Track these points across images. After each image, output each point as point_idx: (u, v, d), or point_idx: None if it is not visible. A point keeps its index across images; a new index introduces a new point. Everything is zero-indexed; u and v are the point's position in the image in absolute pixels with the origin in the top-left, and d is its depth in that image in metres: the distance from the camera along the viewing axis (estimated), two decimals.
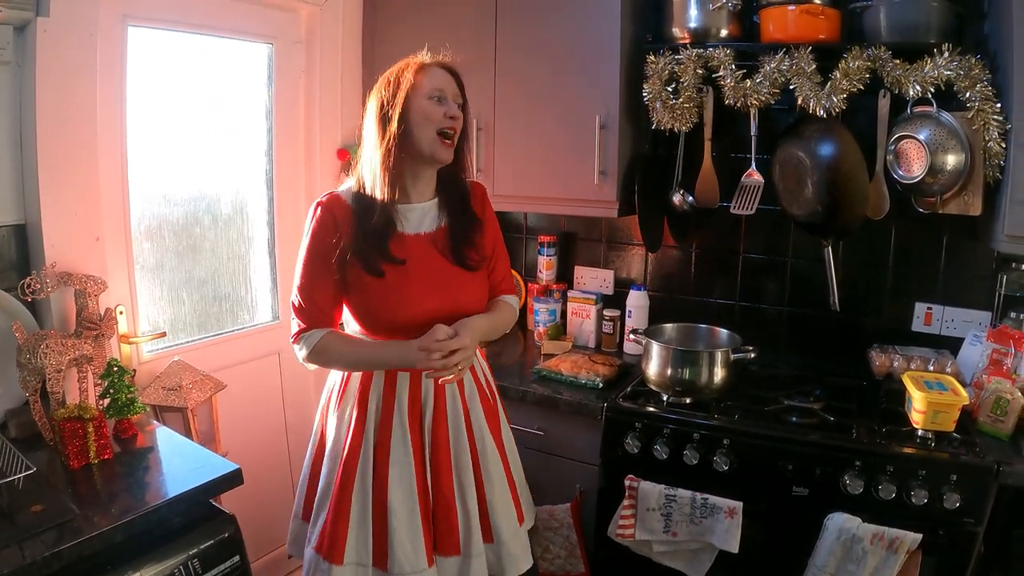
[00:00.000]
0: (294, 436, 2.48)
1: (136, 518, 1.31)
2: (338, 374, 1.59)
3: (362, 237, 1.45)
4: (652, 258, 2.46)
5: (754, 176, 2.05)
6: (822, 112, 1.82)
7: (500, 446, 1.62)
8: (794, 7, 1.87)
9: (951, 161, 1.74)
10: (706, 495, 1.72)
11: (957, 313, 2.05)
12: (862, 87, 1.79)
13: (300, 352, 1.51)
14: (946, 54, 1.69)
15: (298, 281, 1.50)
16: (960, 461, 1.57)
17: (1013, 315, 1.91)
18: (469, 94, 1.54)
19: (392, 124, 1.43)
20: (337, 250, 1.45)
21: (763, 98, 1.90)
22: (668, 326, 2.10)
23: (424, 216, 1.54)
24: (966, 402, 1.61)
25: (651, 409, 1.87)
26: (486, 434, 1.58)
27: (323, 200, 1.50)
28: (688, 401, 1.88)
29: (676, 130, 2.05)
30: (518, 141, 2.24)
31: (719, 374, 1.86)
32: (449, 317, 1.48)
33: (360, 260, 1.45)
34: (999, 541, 1.59)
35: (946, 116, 1.74)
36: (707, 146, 2.09)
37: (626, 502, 1.80)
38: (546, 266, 2.55)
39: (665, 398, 1.91)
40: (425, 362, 1.41)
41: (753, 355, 1.87)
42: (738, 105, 1.94)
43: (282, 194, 2.42)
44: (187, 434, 1.85)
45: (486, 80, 2.23)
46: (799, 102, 1.85)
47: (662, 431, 1.83)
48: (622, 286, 2.48)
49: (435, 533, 1.51)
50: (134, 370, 1.83)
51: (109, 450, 1.53)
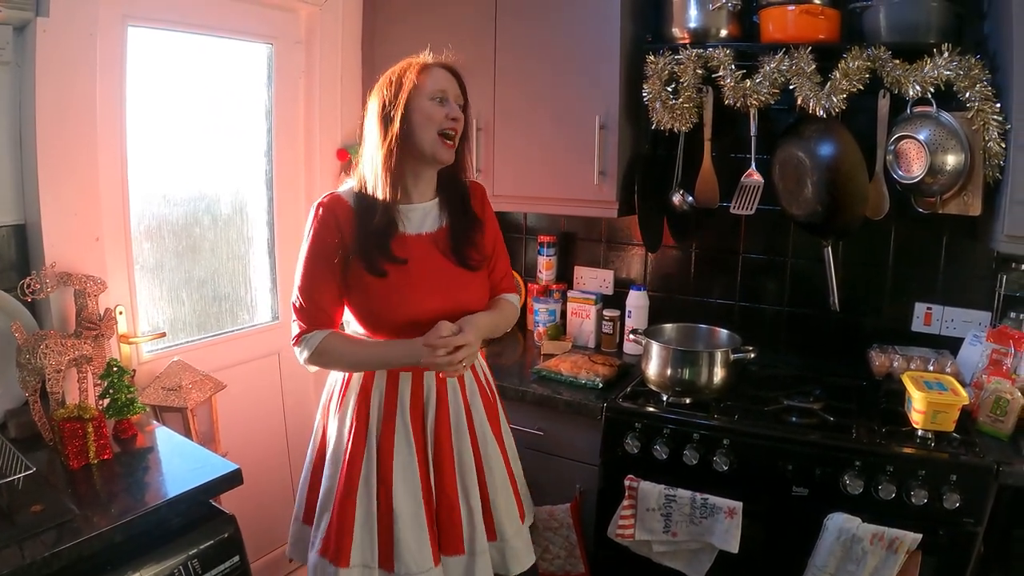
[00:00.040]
0: (294, 436, 2.47)
1: (136, 518, 1.31)
2: (339, 373, 1.58)
3: (364, 237, 1.45)
4: (652, 258, 2.46)
5: (754, 176, 2.05)
6: (822, 112, 1.82)
7: (501, 444, 1.62)
8: (794, 7, 1.87)
9: (951, 161, 1.74)
10: (706, 495, 1.72)
11: (957, 313, 2.05)
12: (862, 87, 1.79)
13: (302, 354, 1.50)
14: (946, 54, 1.69)
15: (299, 282, 1.50)
16: (960, 461, 1.57)
17: (1013, 315, 1.91)
18: (468, 94, 1.54)
19: (394, 124, 1.43)
20: (339, 250, 1.45)
21: (763, 98, 1.90)
22: (668, 326, 2.10)
23: (425, 216, 1.54)
24: (966, 402, 1.61)
25: (651, 409, 1.87)
26: (488, 432, 1.59)
27: (324, 200, 1.49)
28: (688, 401, 1.88)
29: (676, 130, 2.05)
30: (518, 141, 2.24)
31: (719, 374, 1.86)
32: (451, 317, 1.48)
33: (362, 260, 1.45)
34: (999, 541, 1.59)
35: (946, 116, 1.74)
36: (707, 146, 2.09)
37: (626, 502, 1.80)
38: (546, 266, 2.55)
39: (665, 398, 1.91)
40: (430, 358, 1.41)
41: (753, 355, 1.87)
42: (738, 105, 1.94)
43: (282, 194, 2.42)
44: (187, 434, 1.85)
45: (486, 80, 2.23)
46: (799, 102, 1.85)
47: (662, 431, 1.83)
48: (622, 286, 2.48)
49: (439, 532, 1.50)
50: (134, 370, 1.83)
51: (109, 450, 1.53)
